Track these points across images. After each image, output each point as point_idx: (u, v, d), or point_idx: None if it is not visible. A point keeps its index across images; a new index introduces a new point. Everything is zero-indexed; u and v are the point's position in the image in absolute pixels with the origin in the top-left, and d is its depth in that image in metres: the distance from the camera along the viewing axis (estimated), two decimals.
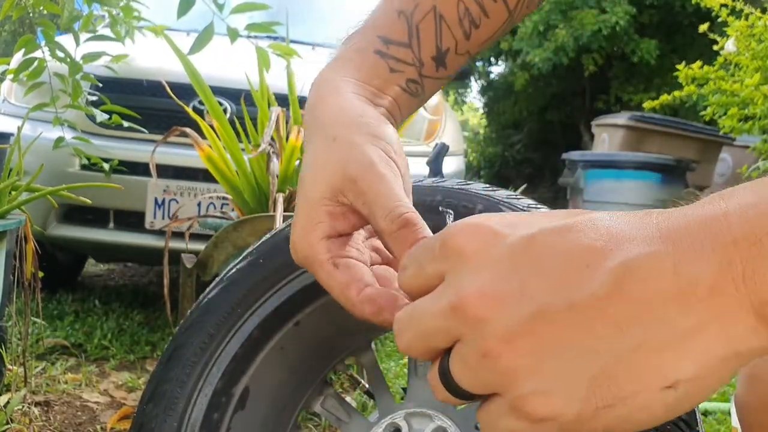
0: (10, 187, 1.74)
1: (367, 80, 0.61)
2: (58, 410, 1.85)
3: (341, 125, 0.56)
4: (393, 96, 0.62)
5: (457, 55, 0.64)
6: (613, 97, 9.70)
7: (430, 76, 0.64)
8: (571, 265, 0.35)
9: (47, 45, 2.22)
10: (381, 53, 0.62)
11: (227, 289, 0.96)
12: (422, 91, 0.65)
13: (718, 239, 0.33)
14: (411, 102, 0.64)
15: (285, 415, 1.03)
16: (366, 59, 0.62)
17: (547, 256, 0.36)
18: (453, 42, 0.64)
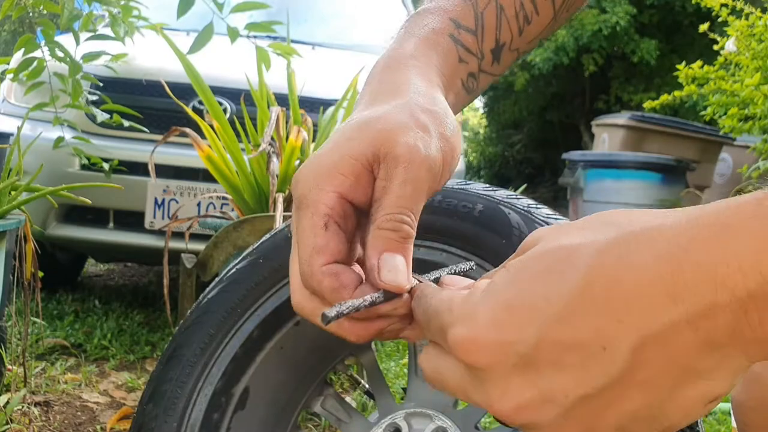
0: (9, 187, 1.74)
1: (443, 68, 0.58)
2: (58, 410, 1.85)
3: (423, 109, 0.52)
4: (455, 92, 0.60)
5: (510, 51, 0.63)
6: (613, 97, 9.70)
7: (486, 71, 0.62)
8: (590, 354, 0.35)
9: (47, 45, 2.22)
10: (454, 38, 0.59)
11: (227, 289, 0.96)
12: (476, 88, 0.62)
13: (734, 294, 0.32)
14: (464, 99, 0.62)
15: (285, 415, 1.03)
16: (443, 43, 0.59)
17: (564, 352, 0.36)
18: (509, 36, 0.62)
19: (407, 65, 0.56)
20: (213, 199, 2.46)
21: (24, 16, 2.24)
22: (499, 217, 0.86)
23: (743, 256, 0.32)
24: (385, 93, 0.54)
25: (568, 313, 0.35)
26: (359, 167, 0.49)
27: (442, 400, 0.96)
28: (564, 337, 0.35)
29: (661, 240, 0.34)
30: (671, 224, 0.34)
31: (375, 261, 0.47)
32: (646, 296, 0.34)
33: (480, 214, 0.87)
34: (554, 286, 0.36)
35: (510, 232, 0.85)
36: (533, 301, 0.36)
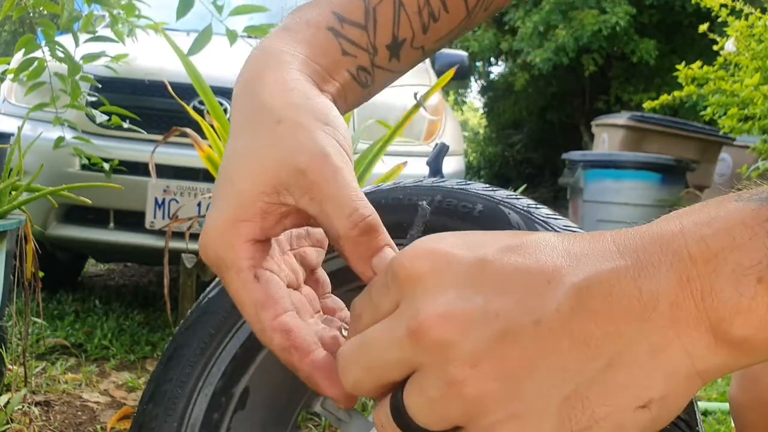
0: (10, 187, 1.74)
1: (316, 58, 0.54)
2: (58, 410, 1.85)
3: (287, 106, 0.48)
4: (341, 82, 0.56)
5: (413, 48, 0.60)
6: (613, 97, 9.70)
7: (382, 66, 0.59)
8: (533, 282, 0.34)
9: (47, 45, 2.22)
10: (335, 31, 0.56)
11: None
12: (371, 82, 0.59)
13: (676, 255, 0.33)
14: (359, 93, 0.58)
15: (285, 414, 1.03)
16: (317, 35, 0.55)
17: (508, 274, 0.35)
18: (410, 33, 0.59)
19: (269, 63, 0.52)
20: None
21: (24, 16, 2.24)
22: (499, 217, 0.86)
23: (687, 227, 0.33)
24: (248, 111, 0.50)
25: (519, 244, 0.36)
26: (263, 206, 0.46)
27: None
28: (510, 261, 0.35)
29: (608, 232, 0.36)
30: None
31: (369, 271, 0.45)
32: (593, 246, 0.35)
33: (480, 214, 0.87)
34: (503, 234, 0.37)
35: None
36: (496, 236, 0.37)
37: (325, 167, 0.45)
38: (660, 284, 0.33)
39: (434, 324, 0.34)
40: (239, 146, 0.48)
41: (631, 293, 0.33)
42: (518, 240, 0.36)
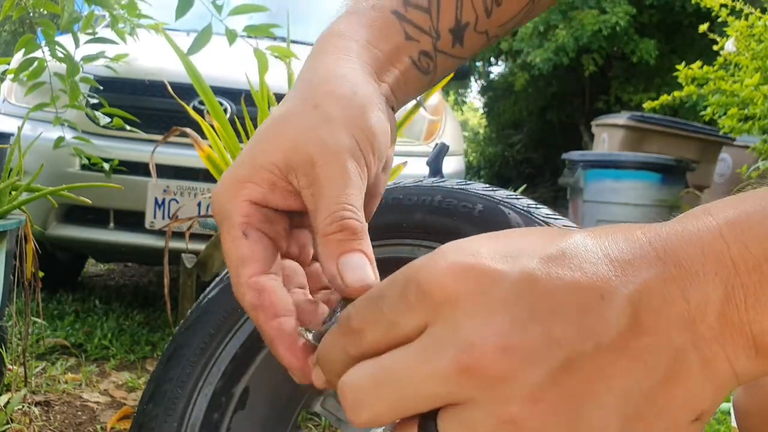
0: (10, 187, 1.74)
1: (378, 44, 0.54)
2: (58, 410, 1.85)
3: (328, 94, 0.48)
4: (401, 69, 0.55)
5: (476, 32, 0.59)
6: (613, 97, 9.70)
7: (446, 51, 0.58)
8: (588, 300, 0.31)
9: (47, 45, 2.22)
10: (399, 15, 0.55)
11: (227, 289, 0.96)
12: (434, 69, 0.58)
13: (720, 263, 0.32)
14: (419, 80, 0.58)
15: (285, 414, 1.03)
16: (381, 19, 0.55)
17: (560, 293, 0.31)
18: (473, 16, 0.58)
19: (331, 46, 0.52)
20: None
21: (24, 16, 2.24)
22: (499, 217, 0.86)
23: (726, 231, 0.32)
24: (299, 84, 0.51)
25: (560, 252, 0.33)
26: (272, 177, 0.46)
27: None
28: (558, 276, 0.32)
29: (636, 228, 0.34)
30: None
31: (333, 268, 0.43)
32: (631, 250, 0.33)
33: (480, 214, 0.87)
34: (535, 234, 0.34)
35: None
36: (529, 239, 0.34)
37: (333, 168, 0.45)
38: (708, 295, 0.31)
39: (492, 358, 0.31)
40: (276, 114, 0.49)
41: (680, 305, 0.32)
42: (557, 247, 0.33)
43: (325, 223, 0.44)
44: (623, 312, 0.31)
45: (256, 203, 0.47)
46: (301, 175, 0.46)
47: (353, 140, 0.47)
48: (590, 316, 0.31)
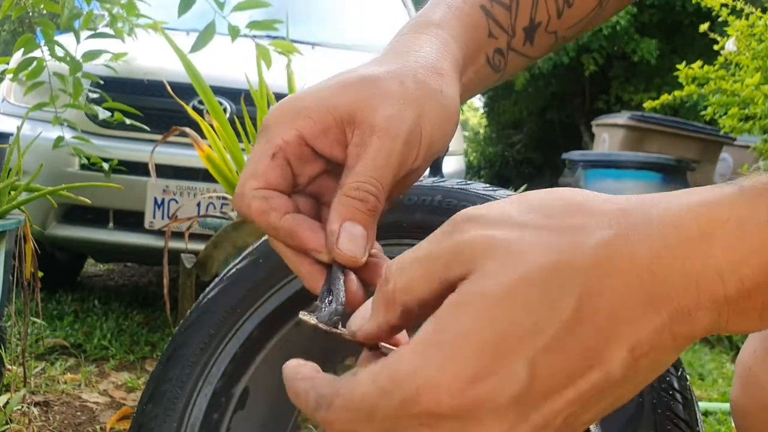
0: (9, 187, 1.73)
1: (466, 41, 0.54)
2: (58, 410, 1.85)
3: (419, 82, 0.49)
4: (477, 67, 0.56)
5: (547, 33, 0.60)
6: (613, 97, 9.70)
7: (517, 50, 0.59)
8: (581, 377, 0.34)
9: (46, 44, 2.21)
10: (485, 10, 0.56)
11: (227, 289, 0.96)
12: (504, 67, 0.59)
13: (713, 301, 0.33)
14: (490, 77, 0.58)
15: (285, 415, 1.03)
16: (471, 14, 0.56)
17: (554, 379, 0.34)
18: (546, 16, 0.59)
19: (427, 32, 0.53)
20: (213, 199, 2.46)
21: (24, 15, 2.24)
22: None
23: (722, 263, 0.32)
24: (390, 54, 0.52)
25: (558, 339, 0.33)
26: (330, 120, 0.47)
27: None
28: (554, 363, 0.33)
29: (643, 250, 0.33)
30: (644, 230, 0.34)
31: (336, 227, 0.45)
32: (631, 309, 0.33)
33: None
34: (543, 314, 0.33)
35: None
36: (520, 334, 0.33)
37: (387, 145, 0.46)
38: (695, 330, 0.34)
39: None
40: (364, 69, 0.50)
41: (668, 343, 0.34)
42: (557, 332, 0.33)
43: (351, 186, 0.46)
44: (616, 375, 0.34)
45: (303, 138, 0.48)
46: (358, 133, 0.47)
47: (418, 130, 0.48)
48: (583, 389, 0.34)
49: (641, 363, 0.34)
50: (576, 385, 0.33)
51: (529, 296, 0.33)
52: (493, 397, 0.33)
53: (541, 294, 0.33)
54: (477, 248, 0.35)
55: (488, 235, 0.35)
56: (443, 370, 0.33)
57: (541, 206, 0.36)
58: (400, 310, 0.37)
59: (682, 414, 0.74)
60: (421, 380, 0.33)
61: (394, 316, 0.37)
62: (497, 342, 0.33)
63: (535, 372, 0.33)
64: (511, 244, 0.34)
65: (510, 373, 0.33)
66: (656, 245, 0.33)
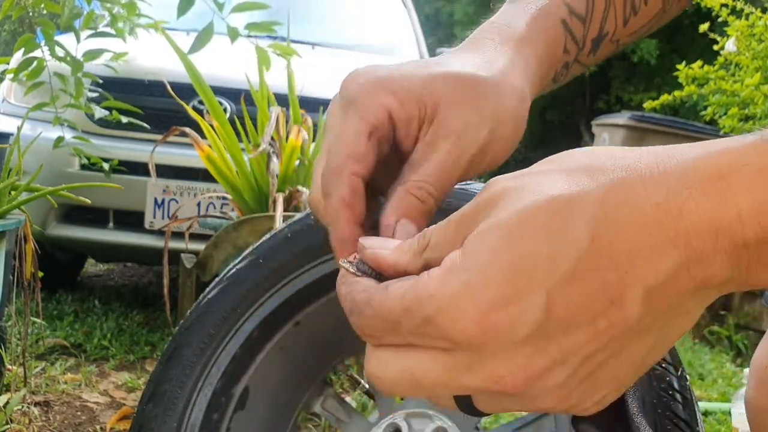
0: (9, 187, 1.74)
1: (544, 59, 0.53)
2: (58, 410, 1.85)
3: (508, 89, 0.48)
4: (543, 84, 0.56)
5: (610, 42, 0.59)
6: (613, 97, 9.70)
7: (581, 61, 0.58)
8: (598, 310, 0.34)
9: (47, 44, 2.22)
10: (565, 25, 0.55)
11: (227, 289, 0.96)
12: (563, 79, 0.59)
13: (732, 245, 0.33)
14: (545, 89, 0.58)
15: (285, 415, 1.03)
16: (552, 29, 0.54)
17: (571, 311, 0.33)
18: (614, 26, 0.58)
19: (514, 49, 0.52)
20: (213, 199, 2.46)
21: (24, 15, 2.24)
22: None
23: (743, 205, 0.32)
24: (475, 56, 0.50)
25: (575, 270, 0.33)
26: (415, 110, 0.46)
27: None
28: (573, 296, 0.33)
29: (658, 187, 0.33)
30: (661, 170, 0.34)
31: (393, 221, 0.44)
32: (647, 245, 0.33)
33: None
34: (558, 243, 0.33)
35: None
36: (536, 263, 0.33)
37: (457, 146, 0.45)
38: (714, 272, 0.33)
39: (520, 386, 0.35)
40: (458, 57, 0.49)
41: (687, 285, 0.34)
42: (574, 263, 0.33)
43: (415, 184, 0.45)
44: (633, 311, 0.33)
45: (392, 120, 0.46)
46: (433, 130, 0.46)
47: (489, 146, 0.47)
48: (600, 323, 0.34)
49: (658, 304, 0.33)
50: (594, 321, 0.33)
51: (543, 222, 0.33)
52: (511, 327, 0.33)
53: (553, 221, 0.33)
54: (495, 195, 0.36)
55: (506, 185, 0.36)
56: (463, 295, 0.34)
57: (559, 156, 0.38)
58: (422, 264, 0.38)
59: (682, 414, 0.74)
60: (443, 302, 0.34)
61: (416, 266, 0.38)
62: (515, 269, 0.33)
63: (552, 303, 0.33)
64: (526, 184, 0.36)
65: (528, 303, 0.33)
66: (673, 183, 0.33)
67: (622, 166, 0.34)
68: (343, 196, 0.44)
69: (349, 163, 0.44)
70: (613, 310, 0.33)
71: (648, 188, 0.33)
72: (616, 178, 0.34)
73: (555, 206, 0.34)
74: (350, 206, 0.44)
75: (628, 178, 0.34)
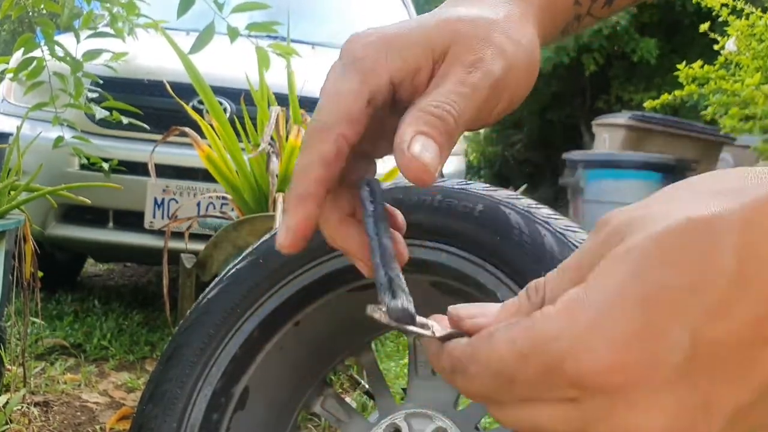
0: (9, 186, 1.74)
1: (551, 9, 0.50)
2: (57, 410, 1.85)
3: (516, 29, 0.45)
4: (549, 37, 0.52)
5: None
6: (613, 97, 9.70)
7: (594, 14, 0.54)
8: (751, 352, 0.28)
9: (46, 44, 2.21)
10: None
11: (227, 289, 0.96)
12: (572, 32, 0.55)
13: None
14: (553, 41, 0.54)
15: (285, 415, 1.03)
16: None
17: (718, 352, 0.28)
18: None
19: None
20: (213, 199, 2.46)
21: (23, 15, 2.24)
22: (500, 217, 0.86)
23: None
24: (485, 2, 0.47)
25: (721, 303, 0.28)
26: (423, 60, 0.42)
27: (442, 401, 0.96)
28: (720, 335, 0.28)
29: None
30: None
31: (408, 137, 0.39)
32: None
33: (480, 214, 0.86)
34: (699, 271, 0.28)
35: (510, 232, 0.85)
36: (675, 295, 0.28)
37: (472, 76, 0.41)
38: None
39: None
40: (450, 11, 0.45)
41: None
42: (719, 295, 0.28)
43: (430, 103, 0.40)
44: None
45: (393, 85, 0.42)
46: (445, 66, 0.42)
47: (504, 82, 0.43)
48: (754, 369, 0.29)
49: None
50: (744, 365, 0.28)
51: (680, 248, 0.29)
52: (649, 368, 0.28)
53: (693, 246, 0.28)
54: (620, 226, 0.31)
55: (631, 215, 0.32)
56: (592, 333, 0.29)
57: (687, 181, 0.33)
58: None
59: None
60: (567, 344, 0.29)
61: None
62: (651, 302, 0.28)
63: (697, 341, 0.28)
64: (655, 212, 0.31)
65: (669, 341, 0.28)
66: None
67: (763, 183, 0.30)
68: (324, 154, 0.40)
69: (341, 124, 0.40)
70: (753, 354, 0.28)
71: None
72: (761, 197, 0.29)
73: (693, 230, 0.29)
74: (327, 165, 0.40)
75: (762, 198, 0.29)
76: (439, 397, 0.96)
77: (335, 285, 0.94)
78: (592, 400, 0.29)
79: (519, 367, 0.30)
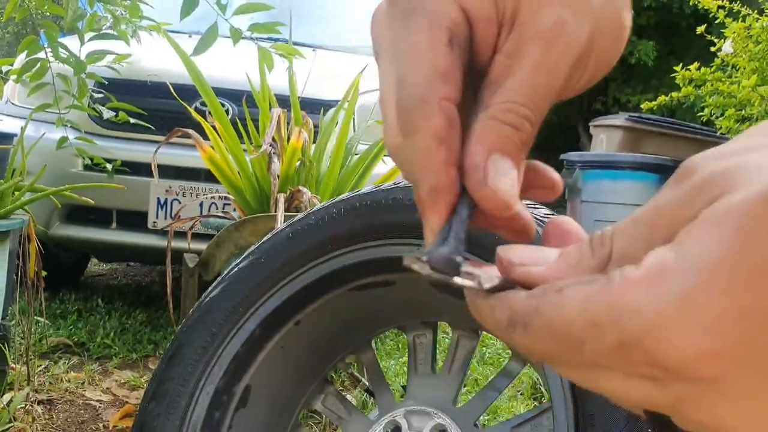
0: (13, 187, 1.75)
1: None
2: (61, 408, 1.87)
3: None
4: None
5: None
6: (611, 98, 9.71)
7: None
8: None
9: (50, 46, 2.23)
10: None
11: (229, 288, 0.98)
12: None
13: None
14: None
15: (286, 413, 1.05)
16: None
17: None
18: None
19: None
20: (215, 200, 2.48)
21: (27, 17, 2.26)
22: None
23: None
24: None
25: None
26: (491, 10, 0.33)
27: (441, 398, 0.98)
28: None
29: None
30: None
31: (481, 159, 0.32)
32: None
33: None
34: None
35: None
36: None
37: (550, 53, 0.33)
38: None
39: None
40: None
41: None
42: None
43: (502, 107, 0.33)
44: None
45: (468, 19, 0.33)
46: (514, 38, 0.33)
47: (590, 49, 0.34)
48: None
49: None
50: None
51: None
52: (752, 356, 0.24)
53: None
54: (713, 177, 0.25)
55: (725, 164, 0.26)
56: (684, 310, 0.24)
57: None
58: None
59: None
60: (651, 321, 0.24)
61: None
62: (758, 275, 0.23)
63: None
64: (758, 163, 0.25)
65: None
66: None
67: None
68: (436, 130, 0.32)
69: (436, 85, 0.32)
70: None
71: None
72: None
73: None
74: (446, 142, 0.32)
75: None
76: (439, 395, 0.98)
77: (335, 284, 0.96)
78: (676, 383, 0.25)
79: (590, 337, 0.26)
